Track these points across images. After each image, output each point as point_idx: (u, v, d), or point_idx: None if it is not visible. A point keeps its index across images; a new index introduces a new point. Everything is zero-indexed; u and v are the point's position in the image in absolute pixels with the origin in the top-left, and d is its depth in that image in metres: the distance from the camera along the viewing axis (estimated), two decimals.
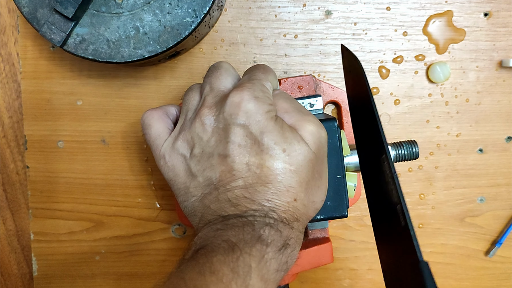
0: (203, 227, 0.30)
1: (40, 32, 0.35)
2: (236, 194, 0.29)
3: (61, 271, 0.45)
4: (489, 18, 0.43)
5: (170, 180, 0.33)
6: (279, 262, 0.28)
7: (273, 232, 0.28)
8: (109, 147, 0.44)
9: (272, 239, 0.28)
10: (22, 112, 0.44)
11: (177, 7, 0.36)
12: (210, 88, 0.32)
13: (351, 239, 0.45)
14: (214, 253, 0.26)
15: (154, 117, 0.34)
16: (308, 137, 0.30)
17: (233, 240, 0.27)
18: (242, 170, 0.29)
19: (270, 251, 0.27)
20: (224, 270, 0.25)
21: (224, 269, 0.25)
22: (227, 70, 0.34)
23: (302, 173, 0.30)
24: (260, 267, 0.26)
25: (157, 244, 0.45)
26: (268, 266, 0.27)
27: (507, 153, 0.45)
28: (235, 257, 0.26)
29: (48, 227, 0.45)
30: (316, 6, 0.43)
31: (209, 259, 0.26)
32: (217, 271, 0.25)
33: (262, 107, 0.30)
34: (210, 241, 0.27)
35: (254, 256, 0.26)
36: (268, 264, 0.27)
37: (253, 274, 0.26)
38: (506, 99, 0.44)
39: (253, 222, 0.28)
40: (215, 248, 0.27)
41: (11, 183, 0.44)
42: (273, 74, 0.34)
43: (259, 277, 0.26)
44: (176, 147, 0.32)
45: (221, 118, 0.30)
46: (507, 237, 0.45)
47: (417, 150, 0.37)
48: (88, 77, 0.43)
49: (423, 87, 0.44)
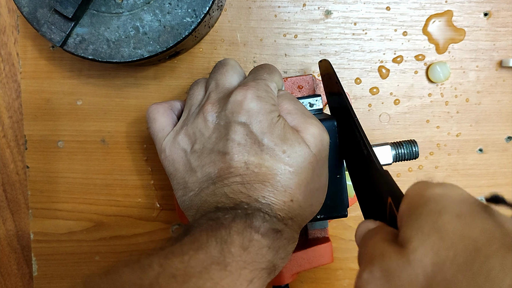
0: (198, 218, 0.30)
1: (40, 32, 0.35)
2: (233, 188, 0.29)
3: (61, 271, 0.45)
4: (489, 18, 0.43)
5: (170, 174, 0.33)
6: (269, 246, 0.27)
7: (264, 223, 0.27)
8: (109, 147, 0.44)
9: (262, 224, 0.27)
10: (22, 112, 0.44)
11: (177, 7, 0.36)
12: (215, 84, 0.33)
13: (351, 239, 0.45)
14: (199, 227, 0.27)
15: (160, 111, 0.34)
16: (310, 139, 0.30)
17: (220, 217, 0.27)
18: (240, 168, 0.29)
19: (258, 235, 0.27)
20: (203, 237, 0.26)
21: (203, 237, 0.26)
22: (234, 67, 0.34)
23: (301, 175, 0.30)
24: (242, 239, 0.26)
25: (157, 244, 0.45)
26: (254, 243, 0.26)
27: (507, 153, 0.45)
28: (217, 227, 0.26)
29: (48, 227, 0.45)
30: (316, 6, 0.43)
31: (192, 232, 0.26)
32: (196, 239, 0.26)
33: (265, 107, 0.30)
34: (197, 222, 0.28)
35: (239, 233, 0.26)
36: (254, 243, 0.26)
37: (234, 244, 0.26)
38: (506, 99, 0.44)
39: (246, 209, 0.28)
40: (200, 223, 0.27)
41: (11, 183, 0.44)
42: (278, 75, 0.34)
43: (241, 247, 0.26)
44: (177, 141, 0.32)
45: (223, 115, 0.30)
46: None
47: (417, 150, 0.37)
48: (88, 77, 0.43)
49: (423, 87, 0.44)
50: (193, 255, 0.25)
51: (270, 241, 0.27)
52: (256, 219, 0.27)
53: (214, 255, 0.25)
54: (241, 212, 0.27)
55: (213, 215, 0.28)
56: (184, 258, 0.25)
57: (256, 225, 0.27)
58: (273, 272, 0.28)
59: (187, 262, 0.24)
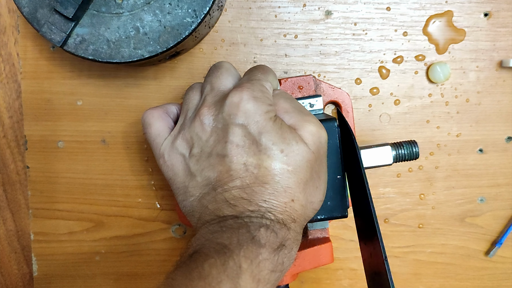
0: (201, 227, 0.30)
1: (40, 32, 0.35)
2: (234, 194, 0.29)
3: (61, 271, 0.45)
4: (489, 18, 0.43)
5: (170, 179, 0.33)
6: (274, 263, 0.27)
7: (268, 234, 0.28)
8: (109, 147, 0.44)
9: (267, 240, 0.27)
10: (22, 112, 0.44)
11: (177, 7, 0.36)
12: (210, 88, 0.33)
13: (351, 239, 0.45)
14: (206, 257, 0.26)
15: (155, 116, 0.34)
16: (308, 137, 0.30)
17: (226, 242, 0.27)
18: (239, 170, 0.29)
19: (265, 252, 0.27)
20: (213, 273, 0.25)
21: (213, 272, 0.25)
22: (228, 70, 0.34)
23: (300, 174, 0.30)
24: (252, 268, 0.26)
25: (157, 244, 0.45)
26: (262, 266, 0.27)
27: (507, 153, 0.45)
28: (225, 258, 0.26)
29: (48, 227, 0.45)
30: (316, 6, 0.43)
31: (200, 263, 0.26)
32: (206, 275, 0.25)
33: (261, 108, 0.30)
34: (204, 244, 0.28)
35: (245, 257, 0.26)
36: (262, 264, 0.27)
37: (244, 275, 0.26)
38: (506, 99, 0.44)
39: (248, 224, 0.28)
40: (207, 251, 0.27)
41: (11, 183, 0.44)
42: (272, 75, 0.34)
43: (251, 277, 0.26)
44: (175, 146, 0.32)
45: (220, 118, 0.30)
46: (507, 237, 0.45)
47: (417, 150, 0.37)
48: (88, 77, 0.43)
49: (423, 87, 0.44)
50: None
51: (276, 257, 0.28)
52: (261, 235, 0.27)
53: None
54: (245, 231, 0.27)
55: (218, 235, 0.28)
56: None
57: (262, 243, 0.27)
58: (279, 278, 0.29)
59: None
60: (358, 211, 0.35)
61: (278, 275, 0.28)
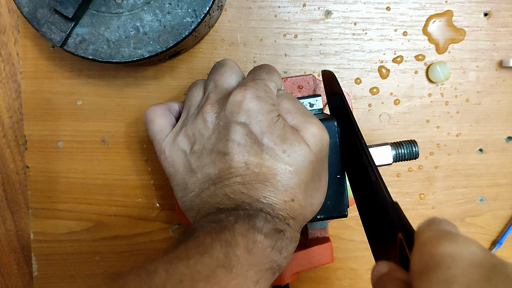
0: (200, 220, 0.30)
1: (40, 32, 0.35)
2: (234, 189, 0.29)
3: (61, 271, 0.45)
4: (489, 18, 0.43)
5: (170, 175, 0.33)
6: (272, 246, 0.27)
7: (267, 223, 0.27)
8: (109, 147, 0.44)
9: (264, 226, 0.27)
10: (22, 112, 0.44)
11: (177, 7, 0.36)
12: (214, 85, 0.33)
13: (351, 239, 0.45)
14: (201, 230, 0.27)
15: (157, 112, 0.34)
16: (310, 138, 0.30)
17: (224, 221, 0.27)
18: (240, 169, 0.29)
19: (261, 236, 0.27)
20: (207, 240, 0.26)
21: (207, 240, 0.26)
22: (232, 68, 0.34)
23: (301, 174, 0.30)
24: (247, 241, 0.26)
25: (157, 244, 0.45)
26: (258, 245, 0.26)
27: (507, 153, 0.45)
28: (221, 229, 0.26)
29: (48, 227, 0.45)
30: (316, 6, 0.43)
31: (194, 234, 0.26)
32: (201, 243, 0.25)
33: (264, 107, 0.30)
34: (200, 224, 0.28)
35: (242, 235, 0.26)
36: (258, 244, 0.26)
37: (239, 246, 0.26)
38: (506, 99, 0.44)
39: (248, 210, 0.28)
40: (203, 227, 0.27)
41: (11, 183, 0.44)
42: (277, 75, 0.34)
43: (246, 250, 0.26)
44: (177, 142, 0.32)
45: (222, 116, 0.30)
46: (507, 237, 0.45)
47: (417, 150, 0.37)
48: (88, 77, 0.43)
49: (423, 87, 0.44)
50: (199, 259, 0.25)
51: (273, 242, 0.27)
52: (258, 220, 0.27)
53: (220, 258, 0.25)
54: (243, 213, 0.27)
55: (215, 217, 0.28)
56: (189, 262, 0.25)
57: (259, 226, 0.27)
58: (277, 271, 0.28)
59: (193, 266, 0.24)
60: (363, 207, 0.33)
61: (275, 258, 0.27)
